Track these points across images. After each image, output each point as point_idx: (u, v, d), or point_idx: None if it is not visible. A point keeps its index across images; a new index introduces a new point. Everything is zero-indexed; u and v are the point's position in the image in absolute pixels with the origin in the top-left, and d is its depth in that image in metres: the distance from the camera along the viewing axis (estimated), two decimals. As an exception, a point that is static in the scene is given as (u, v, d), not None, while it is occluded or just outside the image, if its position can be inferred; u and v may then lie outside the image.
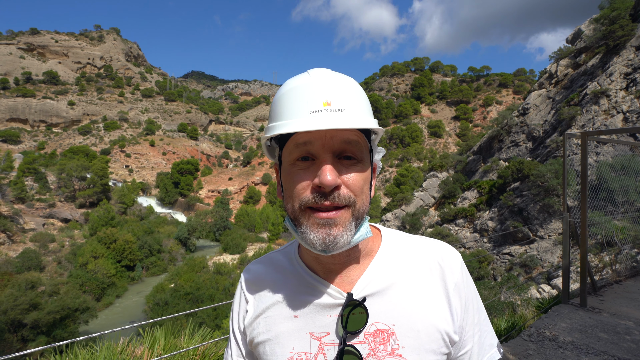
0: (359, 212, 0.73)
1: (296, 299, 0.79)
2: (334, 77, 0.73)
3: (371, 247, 0.83)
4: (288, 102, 0.71)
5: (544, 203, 21.37)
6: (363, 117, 0.71)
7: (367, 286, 0.77)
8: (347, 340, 0.73)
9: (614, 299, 5.05)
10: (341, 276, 0.79)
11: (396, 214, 33.96)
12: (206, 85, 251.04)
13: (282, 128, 0.69)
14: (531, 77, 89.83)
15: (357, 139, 0.72)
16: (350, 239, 0.71)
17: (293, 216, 0.73)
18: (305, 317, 0.77)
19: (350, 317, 0.73)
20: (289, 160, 0.73)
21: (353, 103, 0.71)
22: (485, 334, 0.83)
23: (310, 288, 0.79)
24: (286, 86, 0.74)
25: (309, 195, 0.70)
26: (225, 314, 21.08)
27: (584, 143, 4.80)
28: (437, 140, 76.38)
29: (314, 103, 0.69)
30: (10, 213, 41.48)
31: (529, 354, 3.54)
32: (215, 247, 47.99)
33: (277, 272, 0.86)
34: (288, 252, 0.89)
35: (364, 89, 0.77)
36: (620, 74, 22.94)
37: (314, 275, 0.80)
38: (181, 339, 4.10)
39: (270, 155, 0.83)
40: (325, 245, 0.69)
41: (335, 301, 0.76)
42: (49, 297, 23.20)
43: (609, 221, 6.78)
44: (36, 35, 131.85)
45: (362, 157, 0.73)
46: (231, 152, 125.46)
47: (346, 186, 0.70)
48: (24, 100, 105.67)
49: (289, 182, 0.73)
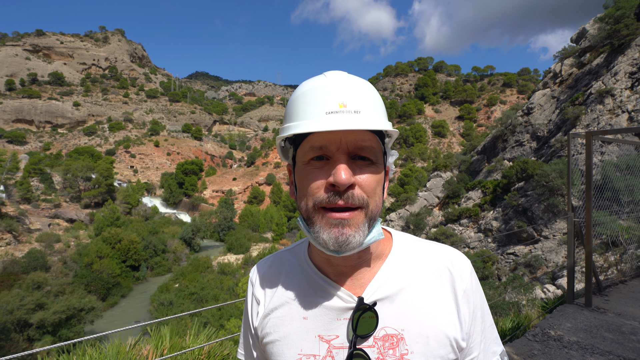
0: (372, 214, 0.73)
1: (306, 301, 0.79)
2: (350, 79, 0.73)
3: (382, 250, 0.83)
4: (304, 103, 0.72)
5: (549, 203, 21.27)
6: (378, 119, 0.72)
7: (377, 290, 0.77)
8: (357, 344, 0.73)
9: (619, 299, 5.02)
10: (352, 279, 0.79)
11: (400, 214, 33.90)
12: (210, 86, 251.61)
13: (298, 128, 0.70)
14: (535, 77, 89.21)
15: (372, 141, 0.73)
16: (362, 240, 0.71)
17: (306, 215, 0.74)
18: (315, 319, 0.77)
19: (360, 321, 0.73)
20: (303, 160, 0.74)
21: (369, 105, 0.71)
22: (491, 342, 0.83)
23: (320, 290, 0.79)
24: (302, 87, 0.75)
25: (323, 194, 0.70)
26: (230, 314, 21.11)
27: (589, 143, 4.79)
28: (441, 140, 76.12)
29: (330, 104, 0.69)
30: (16, 213, 41.78)
31: (533, 354, 3.54)
32: (219, 247, 48.06)
33: (287, 272, 0.86)
34: (297, 252, 0.89)
35: None
36: (625, 73, 22.78)
37: (324, 277, 0.80)
38: (186, 338, 4.13)
39: (284, 156, 0.84)
40: (338, 245, 0.70)
41: (345, 305, 0.76)
42: (55, 297, 23.36)
43: (614, 221, 6.73)
44: (42, 36, 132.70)
45: (377, 159, 0.74)
46: (235, 152, 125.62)
47: (360, 187, 0.71)
48: (29, 101, 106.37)
49: (303, 181, 0.74)
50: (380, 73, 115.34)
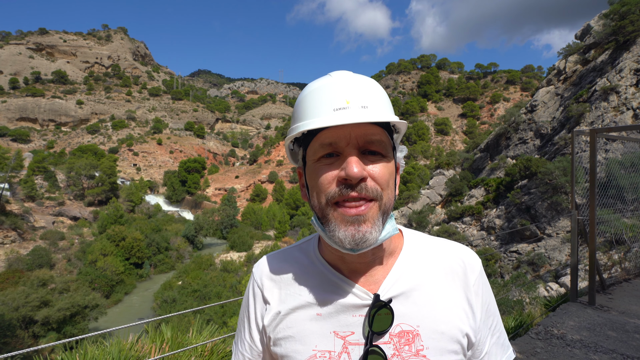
0: (386, 207, 0.73)
1: (319, 298, 0.79)
2: (356, 77, 0.74)
3: (394, 247, 0.83)
4: (311, 102, 0.73)
5: (552, 201, 21.19)
6: (385, 113, 0.73)
7: (392, 287, 0.77)
8: (373, 341, 0.73)
9: (623, 297, 5.00)
10: (366, 276, 0.79)
11: (403, 212, 33.86)
12: (213, 84, 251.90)
13: (306, 126, 0.71)
14: (539, 74, 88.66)
15: (381, 135, 0.73)
16: (378, 236, 0.72)
17: (320, 213, 0.74)
18: (330, 316, 0.77)
19: (376, 318, 0.74)
20: (313, 158, 0.74)
21: (375, 100, 0.72)
22: (501, 339, 0.85)
23: (334, 287, 0.79)
24: (309, 88, 0.76)
25: (335, 188, 0.70)
26: (233, 312, 21.17)
27: (593, 140, 4.76)
28: (444, 137, 75.87)
29: (337, 101, 0.70)
30: (20, 211, 42.04)
31: (536, 352, 3.53)
32: (222, 244, 48.19)
33: (297, 269, 0.86)
34: (306, 249, 0.89)
35: None
36: (630, 69, 22.60)
37: (338, 274, 0.80)
38: (189, 335, 4.15)
39: (293, 159, 0.84)
40: (354, 243, 0.70)
41: (361, 302, 0.76)
42: (59, 294, 23.53)
43: (618, 219, 6.70)
44: (45, 35, 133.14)
45: (387, 152, 0.74)
46: (238, 150, 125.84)
47: (372, 179, 0.71)
48: (33, 100, 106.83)
49: (314, 178, 0.74)
50: (383, 70, 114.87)
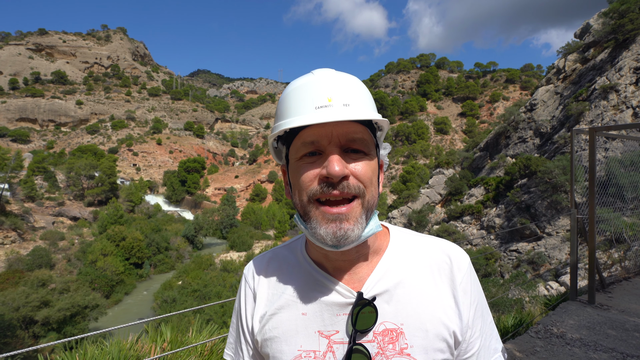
0: (369, 204, 0.73)
1: (305, 296, 0.79)
2: (338, 75, 0.74)
3: (379, 245, 0.82)
4: (293, 100, 0.72)
5: (552, 199, 21.19)
6: (367, 111, 0.72)
7: (376, 285, 0.77)
8: (357, 339, 0.73)
9: (623, 296, 5.00)
10: (350, 274, 0.79)
11: (402, 211, 33.86)
12: (212, 84, 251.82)
13: (289, 124, 0.70)
14: (538, 73, 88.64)
15: (363, 133, 0.73)
16: (361, 233, 0.71)
17: (302, 211, 0.74)
18: (314, 315, 0.77)
19: (360, 316, 0.73)
20: (296, 157, 0.74)
21: (357, 98, 0.72)
22: (491, 338, 0.83)
23: (319, 285, 0.79)
24: (291, 86, 0.76)
25: (316, 186, 0.70)
26: (233, 311, 21.19)
27: (592, 139, 4.76)
28: (444, 137, 75.84)
29: (319, 99, 0.70)
30: (20, 211, 42.02)
31: (536, 351, 3.53)
32: (222, 244, 48.18)
33: (284, 268, 0.85)
34: (294, 248, 0.88)
35: (369, 86, 0.78)
36: (630, 68, 22.59)
37: (323, 272, 0.80)
38: (189, 334, 4.15)
39: (277, 157, 0.83)
40: (336, 240, 0.69)
41: (345, 300, 0.76)
42: (59, 295, 23.51)
43: (618, 217, 6.71)
44: (44, 35, 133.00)
45: (369, 150, 0.74)
46: (237, 150, 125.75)
47: (355, 176, 0.71)
48: (33, 100, 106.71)
49: (297, 176, 0.74)
50: (382, 70, 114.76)
